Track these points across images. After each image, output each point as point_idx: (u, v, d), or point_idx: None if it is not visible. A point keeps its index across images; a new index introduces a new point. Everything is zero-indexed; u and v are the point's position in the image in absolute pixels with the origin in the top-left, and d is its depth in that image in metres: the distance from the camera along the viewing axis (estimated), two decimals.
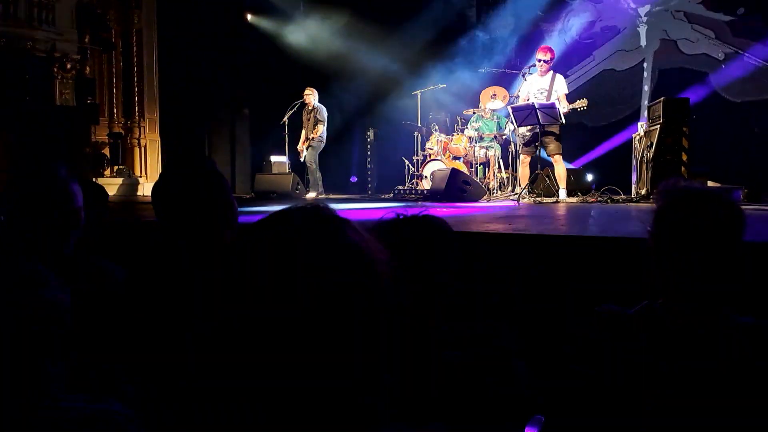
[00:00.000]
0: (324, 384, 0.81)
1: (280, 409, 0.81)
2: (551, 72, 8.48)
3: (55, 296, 1.35)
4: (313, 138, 10.68)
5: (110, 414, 1.27)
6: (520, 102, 8.52)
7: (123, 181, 12.76)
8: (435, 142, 10.28)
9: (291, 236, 0.83)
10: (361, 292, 0.82)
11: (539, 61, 8.41)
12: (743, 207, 1.69)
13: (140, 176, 13.33)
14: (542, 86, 8.41)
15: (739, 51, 10.97)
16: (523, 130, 8.50)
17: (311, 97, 10.83)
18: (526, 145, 8.54)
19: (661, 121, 7.76)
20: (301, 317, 0.79)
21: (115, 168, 13.11)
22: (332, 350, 0.80)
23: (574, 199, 8.30)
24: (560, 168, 8.30)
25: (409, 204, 8.20)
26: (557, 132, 8.21)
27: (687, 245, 1.61)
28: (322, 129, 10.64)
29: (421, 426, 0.89)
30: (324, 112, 10.76)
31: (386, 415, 0.85)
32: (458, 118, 10.78)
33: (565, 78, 8.76)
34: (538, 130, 8.19)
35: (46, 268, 1.72)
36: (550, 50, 8.52)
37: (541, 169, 8.57)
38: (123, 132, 13.47)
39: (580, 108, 8.16)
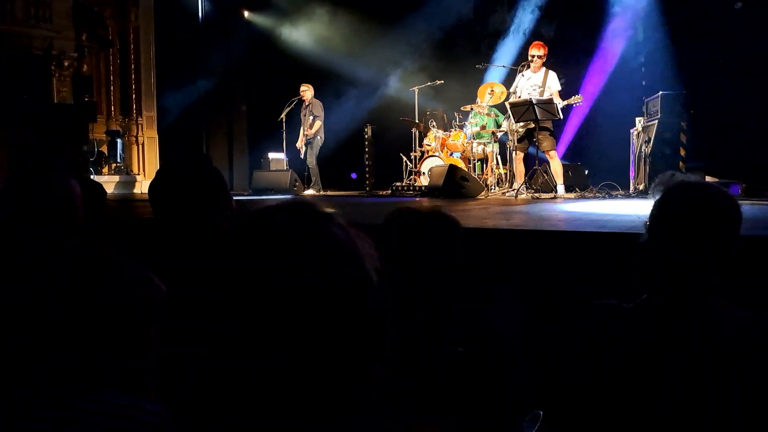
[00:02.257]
0: (314, 377, 0.81)
1: (272, 403, 0.81)
2: (544, 68, 8.50)
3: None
4: (308, 134, 10.67)
5: (147, 411, 1.30)
6: (515, 98, 8.53)
7: (120, 178, 12.75)
8: (433, 138, 10.27)
9: (272, 232, 0.84)
10: (343, 286, 0.83)
11: (533, 56, 8.43)
12: (741, 202, 1.69)
13: (138, 174, 13.32)
14: (536, 82, 8.44)
15: (738, 45, 10.95)
16: (516, 126, 8.51)
17: (308, 93, 10.84)
18: (519, 141, 8.56)
19: (659, 116, 7.76)
20: (284, 311, 0.80)
21: (113, 165, 13.10)
22: (318, 343, 0.81)
23: (571, 195, 8.30)
24: (556, 164, 8.30)
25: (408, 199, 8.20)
26: (550, 128, 8.23)
27: (684, 239, 1.61)
28: (318, 124, 10.63)
29: (415, 419, 0.89)
30: (320, 107, 10.76)
31: (379, 408, 0.85)
32: (456, 115, 10.76)
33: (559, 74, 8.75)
34: (531, 126, 8.20)
35: (47, 265, 1.74)
36: (543, 46, 8.55)
37: (538, 165, 8.57)
38: (121, 129, 13.46)
39: (575, 103, 8.17)
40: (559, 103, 8.09)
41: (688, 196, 1.64)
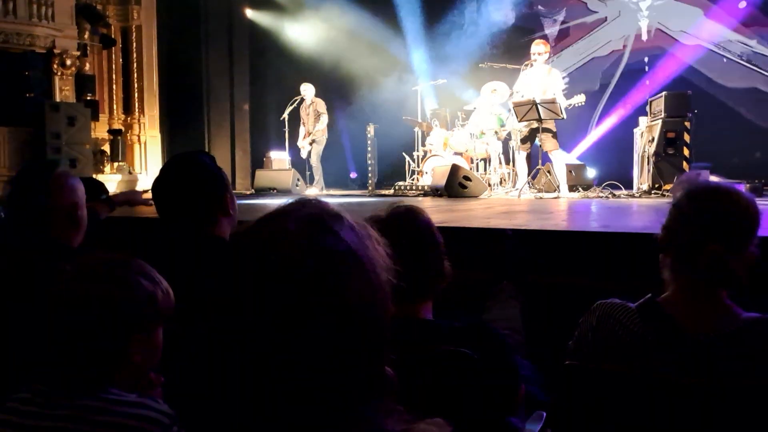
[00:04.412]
0: (323, 380, 0.80)
1: (279, 408, 0.80)
2: (547, 66, 8.46)
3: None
4: (313, 133, 10.67)
5: (152, 409, 1.31)
6: (518, 96, 8.50)
7: (123, 177, 12.76)
8: (436, 137, 10.26)
9: (284, 234, 0.83)
10: (352, 288, 0.82)
11: (534, 54, 8.40)
12: None
13: (140, 172, 13.32)
14: (538, 80, 8.38)
15: (742, 44, 10.94)
16: (519, 126, 8.48)
17: (309, 91, 10.83)
18: (522, 141, 8.53)
19: (663, 115, 7.74)
20: (294, 314, 0.79)
21: (115, 164, 13.11)
22: (327, 345, 0.80)
23: (575, 195, 8.28)
24: (559, 164, 8.27)
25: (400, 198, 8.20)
26: (553, 128, 8.19)
27: (702, 239, 1.60)
28: (325, 122, 10.64)
29: (419, 420, 0.89)
30: (323, 105, 10.75)
31: (386, 407, 0.85)
32: (459, 114, 10.75)
33: (563, 72, 8.72)
34: (534, 126, 8.17)
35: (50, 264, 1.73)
36: (545, 43, 8.52)
37: (541, 164, 8.55)
38: (123, 128, 13.48)
39: (578, 104, 8.13)
40: (563, 103, 8.05)
41: (711, 196, 1.62)
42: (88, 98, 12.70)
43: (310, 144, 10.73)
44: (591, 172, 10.07)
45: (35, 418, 1.30)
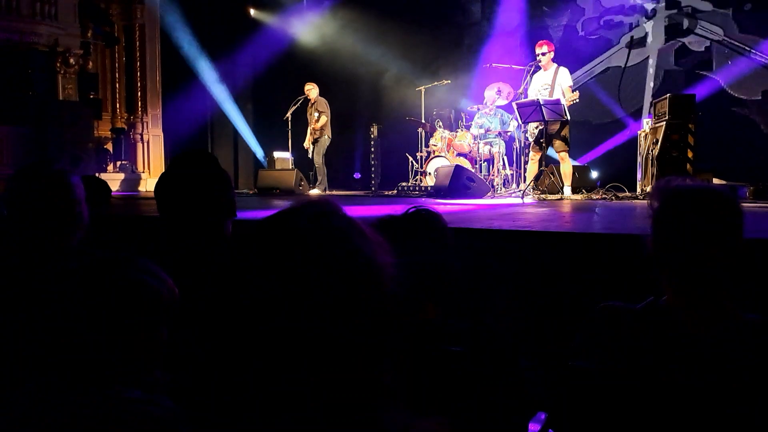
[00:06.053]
0: (323, 376, 0.81)
1: (280, 405, 0.80)
2: (554, 65, 8.41)
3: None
4: (314, 129, 10.65)
5: (156, 406, 1.31)
6: (527, 98, 8.47)
7: (125, 176, 12.78)
8: (439, 138, 10.26)
9: (295, 236, 0.83)
10: (359, 291, 0.83)
11: (538, 56, 8.37)
12: (749, 204, 1.67)
13: (143, 171, 13.35)
14: (546, 81, 8.35)
15: (746, 47, 10.93)
16: (531, 127, 8.45)
17: (313, 91, 10.83)
18: (535, 142, 8.47)
19: (667, 117, 7.74)
20: (302, 311, 0.79)
21: (118, 163, 13.14)
22: (332, 344, 0.80)
23: (578, 196, 8.27)
24: (566, 165, 8.24)
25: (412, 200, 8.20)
26: (563, 129, 8.15)
27: (686, 244, 1.59)
28: (324, 120, 10.61)
29: (419, 419, 0.89)
30: (325, 104, 10.74)
31: (388, 405, 0.85)
32: (463, 115, 10.76)
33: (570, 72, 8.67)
34: (543, 126, 8.14)
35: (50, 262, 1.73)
36: (548, 44, 8.46)
37: (546, 166, 8.53)
38: (126, 127, 13.50)
39: (572, 101, 8.06)
40: (567, 101, 8.00)
41: (686, 201, 1.62)
42: (91, 97, 12.73)
43: (312, 143, 10.73)
44: (594, 174, 10.07)
45: (39, 414, 1.30)
